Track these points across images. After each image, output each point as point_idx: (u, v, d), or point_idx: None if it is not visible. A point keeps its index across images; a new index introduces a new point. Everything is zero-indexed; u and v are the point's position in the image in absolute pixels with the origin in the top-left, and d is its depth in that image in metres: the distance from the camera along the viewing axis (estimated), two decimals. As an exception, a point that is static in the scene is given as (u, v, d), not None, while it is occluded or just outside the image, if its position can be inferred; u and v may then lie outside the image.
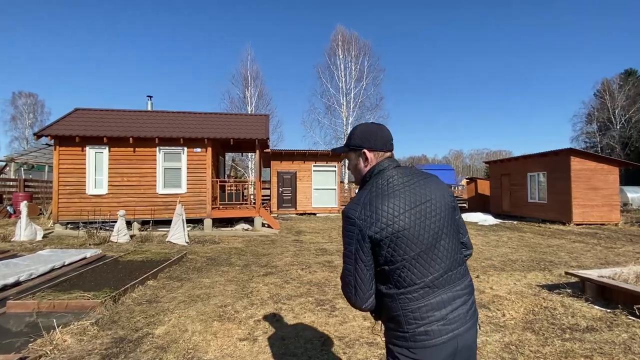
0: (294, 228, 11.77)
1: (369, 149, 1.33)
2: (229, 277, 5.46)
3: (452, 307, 1.23)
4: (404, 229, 1.18)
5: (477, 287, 4.98)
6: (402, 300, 1.20)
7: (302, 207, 16.32)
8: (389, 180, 1.26)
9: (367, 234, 1.18)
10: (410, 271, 1.19)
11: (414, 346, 1.19)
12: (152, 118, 11.45)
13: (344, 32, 24.88)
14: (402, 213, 1.20)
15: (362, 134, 1.35)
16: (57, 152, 10.06)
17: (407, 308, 1.20)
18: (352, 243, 1.21)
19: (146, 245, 7.91)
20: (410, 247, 1.19)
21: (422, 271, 1.20)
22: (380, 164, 1.31)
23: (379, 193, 1.23)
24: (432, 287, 1.21)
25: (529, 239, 9.82)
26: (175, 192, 10.51)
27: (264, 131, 11.03)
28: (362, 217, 1.20)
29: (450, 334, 1.20)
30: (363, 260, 1.20)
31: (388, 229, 1.17)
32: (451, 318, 1.22)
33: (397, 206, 1.20)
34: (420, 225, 1.21)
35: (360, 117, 24.60)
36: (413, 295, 1.20)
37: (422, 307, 1.19)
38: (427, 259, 1.21)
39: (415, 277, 1.20)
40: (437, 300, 1.21)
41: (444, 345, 1.19)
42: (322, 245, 8.38)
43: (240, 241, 8.92)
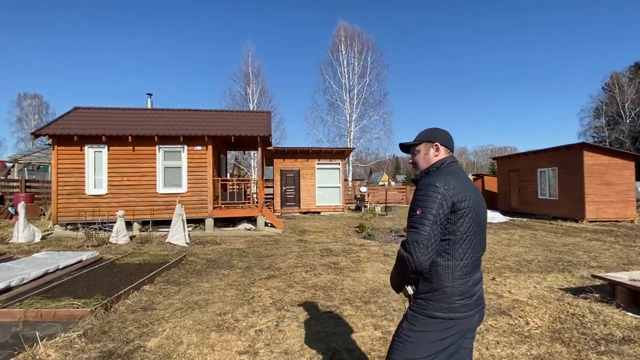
0: (297, 227, 11.48)
1: (441, 143, 1.60)
2: (229, 280, 5.18)
3: (479, 285, 1.49)
4: (476, 207, 1.44)
5: (494, 290, 4.66)
6: (456, 272, 1.40)
7: (306, 206, 16.03)
8: (458, 172, 1.50)
9: (451, 200, 1.38)
10: (468, 245, 1.41)
11: (453, 316, 1.38)
12: (152, 116, 11.20)
13: (346, 27, 24.49)
14: (473, 197, 1.45)
15: (434, 131, 1.64)
16: (56, 151, 9.84)
17: (456, 280, 1.39)
18: (435, 207, 1.37)
19: (145, 247, 7.67)
20: (475, 223, 1.43)
21: (475, 248, 1.44)
22: (450, 157, 1.58)
23: (458, 177, 1.46)
24: (475, 265, 1.45)
25: (541, 237, 9.44)
26: (175, 192, 10.26)
27: (266, 128, 10.74)
28: (447, 187, 1.40)
29: (476, 308, 1.45)
30: (440, 222, 1.37)
31: (467, 201, 1.41)
32: (480, 295, 1.48)
33: (470, 190, 1.45)
34: (481, 211, 1.47)
35: (363, 114, 24.26)
36: (465, 269, 1.41)
37: (469, 281, 1.41)
38: (480, 239, 1.46)
39: (471, 252, 1.42)
40: (476, 278, 1.46)
41: (471, 318, 1.43)
42: (327, 245, 8.08)
43: (243, 242, 8.65)
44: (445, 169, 1.53)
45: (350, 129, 23.62)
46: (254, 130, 10.64)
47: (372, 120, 24.18)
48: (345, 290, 4.67)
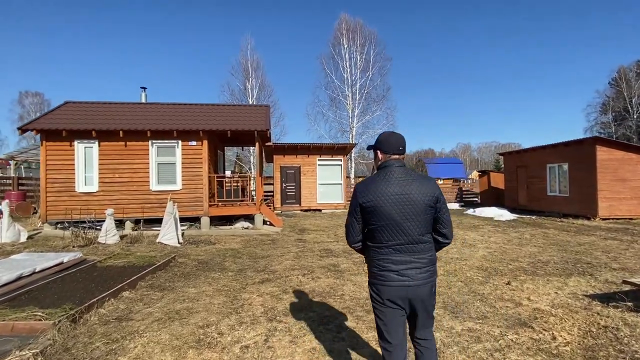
0: (297, 226, 11.04)
1: (380, 150, 1.97)
2: (218, 285, 4.74)
3: (406, 266, 1.83)
4: (380, 206, 1.82)
5: (511, 297, 4.18)
6: (375, 252, 1.90)
7: (307, 203, 15.58)
8: (387, 174, 1.89)
9: (358, 200, 1.89)
10: (381, 234, 1.85)
11: (376, 283, 1.88)
12: (145, 110, 10.75)
13: (348, 20, 23.88)
14: (383, 196, 1.83)
15: (379, 139, 2.00)
16: (44, 147, 9.43)
17: (376, 258, 1.89)
18: (352, 204, 1.94)
19: (135, 247, 7.25)
20: (381, 218, 1.83)
21: (388, 237, 1.84)
22: (387, 162, 1.93)
23: (377, 180, 1.89)
24: (395, 249, 1.84)
25: (554, 235, 8.94)
26: (169, 189, 9.82)
27: (264, 122, 10.27)
28: (360, 190, 1.91)
29: (400, 282, 1.82)
30: (355, 216, 1.93)
31: (370, 202, 1.84)
32: (404, 273, 1.83)
33: (382, 191, 1.84)
34: (393, 207, 1.81)
35: (366, 109, 23.67)
36: (382, 250, 1.87)
37: (385, 259, 1.85)
38: (393, 230, 1.83)
39: (383, 238, 1.85)
40: (396, 259, 1.84)
41: (394, 288, 1.83)
42: (327, 245, 7.63)
43: (239, 241, 8.21)
44: (377, 173, 1.94)
45: (353, 125, 23.08)
46: (252, 124, 10.17)
47: (375, 115, 23.66)
48: (346, 297, 4.22)
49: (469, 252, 6.96)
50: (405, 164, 1.97)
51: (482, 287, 4.59)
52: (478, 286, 4.65)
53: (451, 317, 3.60)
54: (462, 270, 5.47)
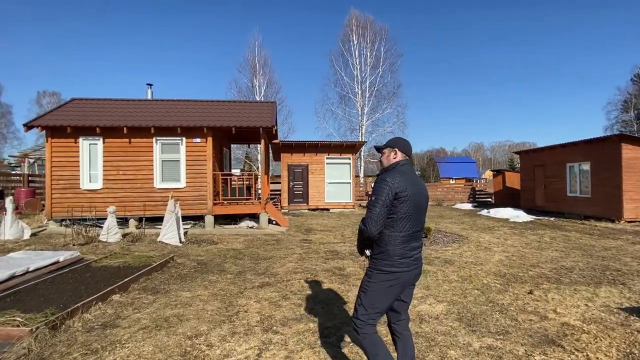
0: (303, 225, 10.73)
1: (399, 149, 2.24)
2: (215, 289, 4.45)
3: (417, 252, 2.13)
4: (412, 196, 2.05)
5: (534, 309, 3.76)
6: (395, 238, 2.04)
7: (315, 202, 15.26)
8: (407, 171, 2.16)
9: (395, 190, 2.01)
10: (405, 222, 2.04)
11: (395, 268, 2.04)
12: (150, 107, 10.61)
13: (358, 16, 23.42)
14: (412, 188, 2.06)
15: (396, 140, 2.30)
16: (49, 144, 9.37)
17: (395, 244, 2.04)
18: (384, 195, 2.00)
19: (135, 246, 7.05)
20: (412, 207, 2.05)
21: (412, 224, 2.07)
22: (403, 160, 2.22)
23: (403, 174, 2.10)
24: (413, 236, 2.09)
25: (576, 239, 8.37)
26: (173, 187, 9.64)
27: (270, 119, 9.98)
28: (394, 182, 2.03)
29: (414, 266, 2.10)
30: (387, 205, 2.01)
31: (406, 192, 2.02)
32: (416, 258, 2.11)
33: (411, 184, 2.07)
34: (418, 199, 2.08)
35: (376, 107, 23.18)
36: (403, 238, 2.05)
37: (406, 245, 2.06)
38: (415, 219, 2.08)
39: (407, 227, 2.05)
40: (412, 245, 2.09)
41: (409, 273, 2.07)
42: (334, 247, 7.28)
43: (242, 241, 7.95)
44: (397, 170, 2.14)
45: (362, 123, 22.63)
46: (257, 121, 9.90)
47: (385, 113, 23.15)
48: (350, 305, 3.87)
49: (485, 256, 6.51)
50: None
51: (501, 297, 4.18)
52: (497, 295, 4.23)
53: (467, 331, 3.22)
54: (478, 277, 5.05)
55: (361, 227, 2.05)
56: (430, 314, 3.64)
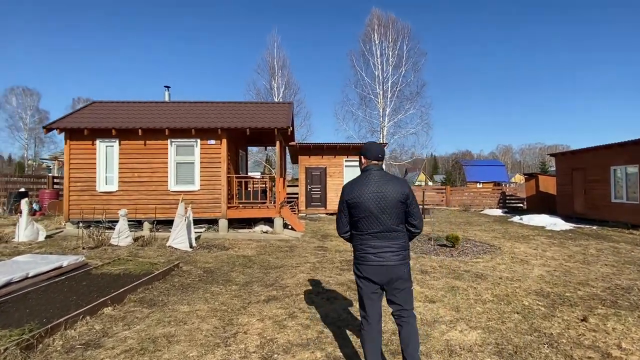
0: (320, 231, 10.22)
1: (364, 157, 2.43)
2: (216, 303, 4.03)
3: (382, 249, 2.25)
4: (361, 202, 2.25)
5: (593, 342, 3.07)
6: (358, 238, 2.33)
7: (333, 207, 14.72)
8: (368, 176, 2.33)
9: (345, 198, 2.33)
10: (362, 224, 2.28)
11: (360, 263, 2.30)
12: (166, 109, 10.52)
13: (380, 15, 22.78)
14: (364, 193, 2.26)
15: (364, 147, 2.46)
16: (68, 146, 9.42)
17: (359, 242, 2.32)
18: (340, 202, 2.38)
19: (144, 251, 6.82)
20: (362, 211, 2.26)
21: (368, 226, 2.26)
22: (368, 166, 2.39)
23: (358, 181, 2.34)
24: (373, 235, 2.27)
25: (627, 252, 7.37)
26: (187, 189, 9.44)
27: (285, 119, 9.60)
28: (346, 189, 2.35)
29: (379, 261, 2.24)
30: (343, 211, 2.37)
31: (354, 199, 2.28)
32: (381, 254, 2.24)
33: (363, 189, 2.28)
34: (371, 203, 2.24)
35: (398, 108, 22.35)
36: (363, 237, 2.30)
37: (366, 243, 2.28)
38: (372, 221, 2.25)
39: (364, 227, 2.28)
40: (374, 244, 2.26)
41: (374, 267, 2.25)
42: (350, 255, 6.73)
43: (254, 247, 7.55)
44: (360, 175, 2.41)
45: (384, 124, 21.89)
46: (272, 122, 9.54)
47: (408, 114, 22.29)
48: (365, 329, 3.32)
49: (522, 270, 5.75)
50: (383, 168, 2.44)
51: (548, 324, 3.49)
52: (542, 321, 3.55)
53: (511, 372, 2.59)
54: (516, 296, 4.35)
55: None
56: (462, 344, 3.03)
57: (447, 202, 19.82)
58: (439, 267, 5.96)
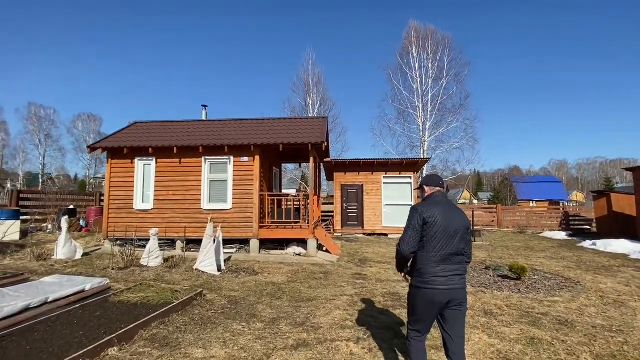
0: (357, 254, 9.35)
1: (426, 186, 2.66)
2: (236, 347, 3.39)
3: (451, 273, 2.38)
4: (437, 222, 2.38)
5: None
6: (425, 259, 2.40)
7: (370, 227, 13.77)
8: (438, 201, 2.53)
9: (423, 216, 2.40)
10: (434, 245, 2.38)
11: (427, 287, 2.37)
12: (201, 127, 10.52)
13: (417, 27, 22.04)
14: (440, 214, 2.41)
15: (425, 178, 2.70)
16: (109, 165, 9.65)
17: (426, 263, 2.39)
18: (414, 220, 2.41)
19: (170, 274, 6.45)
20: (437, 231, 2.38)
21: (440, 247, 2.37)
22: (434, 193, 2.60)
23: (432, 202, 2.51)
24: (443, 257, 2.38)
25: None
26: (220, 208, 9.15)
27: (319, 134, 9.07)
28: (422, 208, 2.46)
29: (448, 286, 2.35)
30: (416, 229, 2.41)
31: (431, 217, 2.39)
32: (450, 278, 2.37)
33: (439, 210, 2.44)
34: (447, 224, 2.40)
35: (440, 121, 21.06)
36: (431, 258, 2.38)
37: (435, 265, 2.37)
38: (444, 243, 2.38)
39: (435, 248, 2.37)
40: (444, 266, 2.37)
41: (442, 290, 2.35)
42: (394, 287, 5.81)
43: (285, 272, 6.90)
44: (432, 199, 2.56)
45: (424, 139, 20.69)
46: (305, 137, 9.06)
47: (450, 127, 20.89)
48: (423, 403, 2.46)
49: (620, 316, 4.48)
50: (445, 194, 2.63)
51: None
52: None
53: None
54: (624, 356, 3.21)
55: (397, 248, 2.48)
56: None
57: (499, 223, 17.90)
58: (506, 306, 4.86)
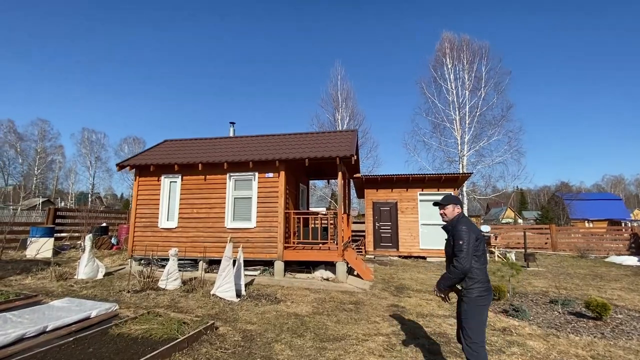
0: (393, 280, 8.35)
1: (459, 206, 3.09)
2: (240, 407, 2.66)
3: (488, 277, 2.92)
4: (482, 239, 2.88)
5: None
6: (480, 271, 2.81)
7: (406, 248, 12.62)
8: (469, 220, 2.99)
9: (475, 234, 2.81)
10: (483, 259, 2.83)
11: (488, 294, 2.81)
12: (227, 143, 10.29)
13: (451, 38, 21.11)
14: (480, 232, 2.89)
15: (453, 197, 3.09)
16: (137, 182, 9.59)
17: (482, 276, 2.81)
18: (471, 239, 2.77)
19: (186, 299, 5.92)
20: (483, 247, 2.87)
21: (485, 260, 2.85)
22: (461, 213, 3.05)
23: (471, 222, 2.95)
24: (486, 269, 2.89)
25: None
26: (243, 227, 8.65)
27: (348, 147, 8.40)
28: (472, 228, 2.85)
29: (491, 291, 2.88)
30: (472, 245, 2.76)
31: (480, 236, 2.85)
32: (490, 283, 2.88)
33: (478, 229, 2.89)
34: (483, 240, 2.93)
35: (480, 134, 19.58)
36: (484, 271, 2.83)
37: (487, 276, 2.85)
38: (486, 256, 2.88)
39: (484, 262, 2.84)
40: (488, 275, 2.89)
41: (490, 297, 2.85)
42: (440, 325, 4.82)
43: (311, 300, 6.13)
44: (464, 219, 2.96)
45: (463, 153, 19.29)
46: (333, 150, 8.43)
47: (492, 140, 19.35)
48: None
49: None
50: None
51: None
52: None
53: None
54: None
55: (456, 266, 2.75)
56: None
57: (554, 246, 15.88)
58: (591, 358, 3.73)
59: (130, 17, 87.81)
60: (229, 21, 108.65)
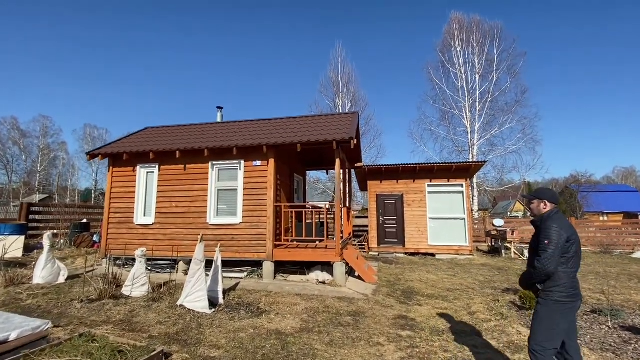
0: (399, 282, 7.24)
1: (548, 201, 2.73)
2: None
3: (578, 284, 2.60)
4: (577, 240, 2.57)
5: None
6: (567, 276, 2.52)
7: (414, 245, 11.50)
8: (562, 218, 2.65)
9: (566, 234, 2.51)
10: (574, 262, 2.56)
11: (571, 300, 2.52)
12: (211, 129, 9.18)
13: (461, 19, 19.68)
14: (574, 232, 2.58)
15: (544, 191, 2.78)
16: (110, 174, 8.55)
17: (570, 280, 2.53)
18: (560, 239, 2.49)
19: (148, 311, 4.87)
20: (577, 249, 2.57)
21: (577, 263, 2.57)
22: (555, 209, 2.71)
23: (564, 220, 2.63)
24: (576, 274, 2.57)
25: None
26: (228, 222, 7.59)
27: (347, 130, 7.26)
28: (563, 225, 2.56)
29: (579, 297, 2.57)
30: (560, 247, 2.49)
31: (573, 236, 2.55)
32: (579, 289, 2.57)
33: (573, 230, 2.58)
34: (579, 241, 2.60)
35: (491, 122, 18.27)
36: (572, 275, 2.54)
37: (576, 281, 2.56)
38: (578, 259, 2.60)
39: (575, 265, 2.56)
40: (576, 279, 2.58)
41: (577, 303, 2.57)
42: (461, 348, 3.70)
43: (301, 311, 5.04)
44: (558, 217, 2.64)
45: (473, 142, 18.00)
46: (329, 134, 7.28)
47: (505, 128, 18.03)
48: None
49: None
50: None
51: None
52: None
53: None
54: None
55: (537, 267, 2.51)
56: None
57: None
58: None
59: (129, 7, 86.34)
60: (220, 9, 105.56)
